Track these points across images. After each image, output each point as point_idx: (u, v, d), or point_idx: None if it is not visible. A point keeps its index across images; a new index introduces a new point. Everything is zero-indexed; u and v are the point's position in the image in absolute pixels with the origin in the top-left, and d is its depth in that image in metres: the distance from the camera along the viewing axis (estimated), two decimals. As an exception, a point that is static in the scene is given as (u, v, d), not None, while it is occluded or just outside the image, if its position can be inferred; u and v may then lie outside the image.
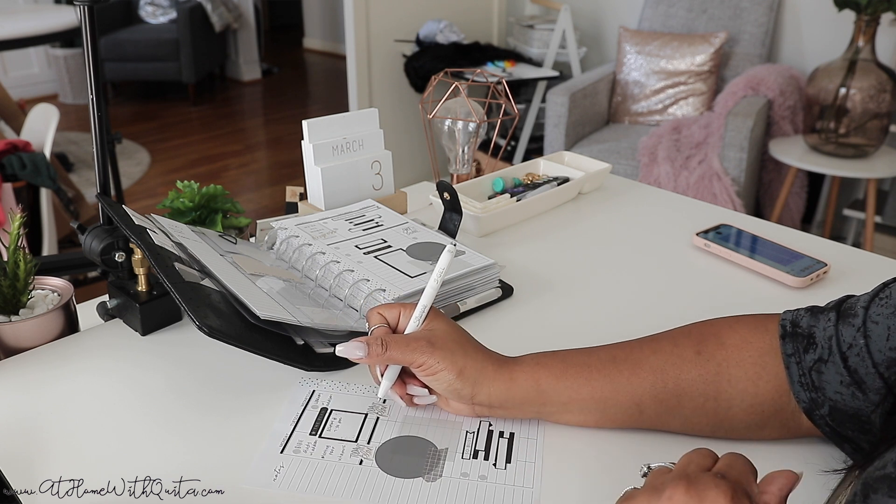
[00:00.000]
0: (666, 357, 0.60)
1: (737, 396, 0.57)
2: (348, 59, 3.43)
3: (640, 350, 0.61)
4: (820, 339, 0.54)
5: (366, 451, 0.63)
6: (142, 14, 5.22)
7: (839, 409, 0.53)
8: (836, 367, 0.53)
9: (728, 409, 0.58)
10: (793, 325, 0.56)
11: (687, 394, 0.58)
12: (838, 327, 0.53)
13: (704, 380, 0.58)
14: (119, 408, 0.69)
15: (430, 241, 0.89)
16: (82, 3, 0.80)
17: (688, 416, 0.59)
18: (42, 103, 2.70)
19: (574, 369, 0.61)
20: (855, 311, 0.53)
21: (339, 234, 0.90)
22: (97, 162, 0.84)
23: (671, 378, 0.59)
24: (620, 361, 0.61)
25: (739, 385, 0.57)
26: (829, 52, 2.89)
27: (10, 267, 0.76)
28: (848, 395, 0.52)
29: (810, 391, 0.54)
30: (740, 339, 0.59)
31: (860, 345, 0.51)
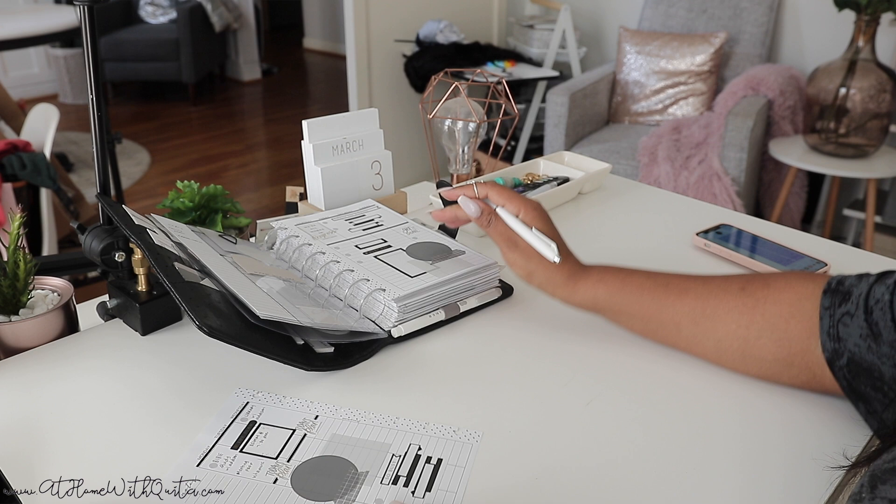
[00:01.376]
0: (712, 288, 0.66)
1: (767, 328, 0.62)
2: (348, 59, 3.43)
3: (693, 281, 0.68)
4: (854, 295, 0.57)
5: (283, 470, 0.61)
6: (142, 14, 5.22)
7: (856, 362, 0.55)
8: (859, 321, 0.55)
9: (758, 339, 0.63)
10: (838, 283, 0.59)
11: (723, 320, 0.64)
12: (872, 286, 0.56)
13: (741, 310, 0.63)
14: (119, 408, 0.69)
15: (430, 241, 0.89)
16: (82, 3, 0.80)
17: (720, 339, 0.65)
18: (42, 103, 2.70)
19: (629, 288, 0.70)
20: (891, 273, 0.56)
21: (339, 233, 0.90)
22: (97, 162, 0.84)
23: (711, 305, 0.65)
24: (672, 287, 0.68)
25: (772, 319, 0.62)
26: (829, 52, 2.89)
27: (9, 267, 0.76)
28: (864, 347, 0.55)
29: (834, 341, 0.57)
30: (785, 283, 0.63)
31: (885, 300, 0.54)
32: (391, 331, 0.78)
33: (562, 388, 0.73)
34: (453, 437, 0.65)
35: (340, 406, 0.69)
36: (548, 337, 0.81)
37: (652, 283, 0.70)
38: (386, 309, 0.79)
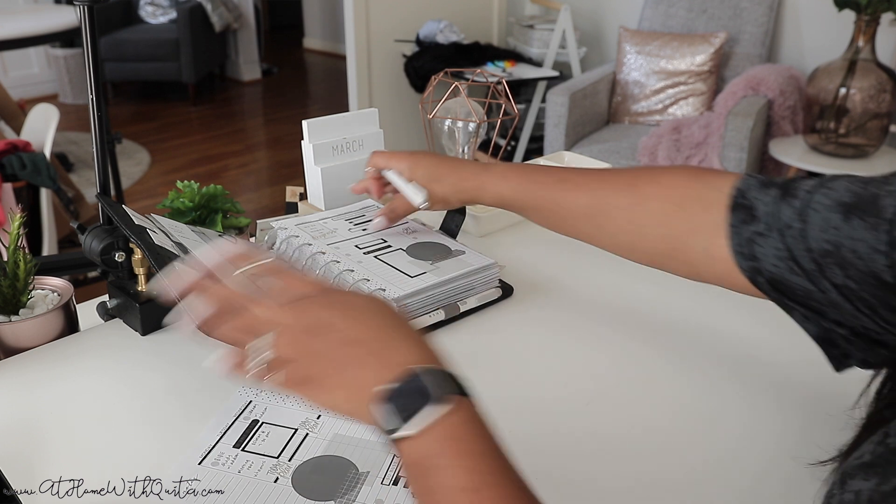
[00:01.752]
0: (604, 184, 0.69)
1: (652, 224, 0.64)
2: (348, 59, 3.43)
3: (588, 176, 0.70)
4: (761, 212, 0.56)
5: (284, 469, 0.61)
6: (142, 14, 5.21)
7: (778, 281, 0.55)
8: (773, 242, 0.54)
9: (643, 234, 0.65)
10: (741, 195, 0.58)
11: (612, 216, 0.67)
12: (779, 204, 0.55)
13: (627, 206, 0.66)
14: (119, 408, 0.69)
15: (430, 241, 0.89)
16: (82, 3, 0.80)
17: (613, 234, 0.68)
18: (42, 103, 2.70)
19: (528, 184, 0.73)
20: (797, 193, 0.54)
21: (339, 233, 0.90)
22: (97, 162, 0.84)
23: (602, 201, 0.68)
24: (568, 182, 0.71)
25: (656, 216, 0.64)
26: (829, 52, 2.88)
27: (10, 267, 0.76)
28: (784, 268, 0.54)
29: (750, 260, 0.56)
30: (671, 180, 0.64)
31: (797, 228, 0.53)
32: (391, 331, 0.78)
33: (562, 388, 0.73)
34: (453, 437, 0.65)
35: (341, 406, 0.69)
36: (548, 337, 0.81)
37: (550, 178, 0.72)
38: (386, 309, 0.79)
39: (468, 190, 0.79)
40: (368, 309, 0.48)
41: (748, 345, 0.79)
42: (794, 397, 0.70)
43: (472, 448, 0.42)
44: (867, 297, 0.50)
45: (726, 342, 0.80)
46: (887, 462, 0.39)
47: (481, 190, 0.78)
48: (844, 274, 0.50)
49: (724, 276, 0.60)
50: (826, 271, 0.51)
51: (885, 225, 0.49)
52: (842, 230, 0.50)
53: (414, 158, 0.83)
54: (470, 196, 0.80)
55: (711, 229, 0.60)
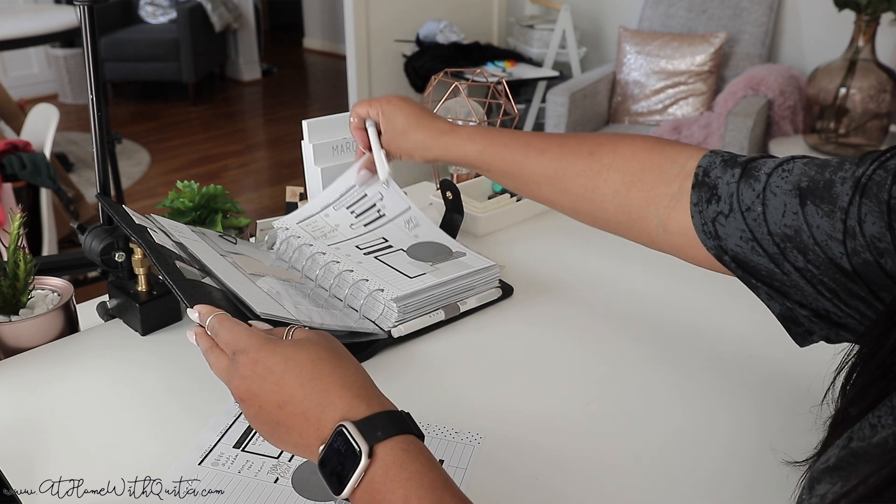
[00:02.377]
0: (566, 151, 0.69)
1: (610, 194, 0.65)
2: (348, 59, 3.43)
3: (552, 141, 0.71)
4: (723, 192, 0.56)
5: (284, 469, 0.61)
6: (142, 14, 5.21)
7: (742, 260, 0.55)
8: (736, 223, 0.55)
9: (602, 202, 0.66)
10: (704, 173, 0.58)
11: (572, 182, 0.67)
12: (739, 185, 0.55)
13: (587, 174, 0.66)
14: (119, 408, 0.69)
15: (431, 242, 0.89)
16: (82, 3, 0.80)
17: (573, 200, 0.68)
18: (42, 103, 2.70)
19: (494, 146, 0.74)
20: (758, 175, 0.54)
21: (340, 231, 0.90)
22: (97, 162, 0.84)
23: (563, 167, 0.68)
24: (532, 146, 0.71)
25: (614, 186, 0.64)
26: (829, 52, 2.88)
27: (10, 267, 0.76)
28: (748, 248, 0.54)
29: (714, 239, 0.56)
30: (631, 150, 0.65)
31: (758, 211, 0.53)
32: (391, 331, 0.78)
33: (562, 388, 0.73)
34: (454, 438, 0.65)
35: (341, 406, 0.69)
36: (548, 337, 0.81)
37: (515, 141, 0.73)
38: (386, 309, 0.79)
39: (433, 148, 0.79)
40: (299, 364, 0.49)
41: (750, 343, 0.79)
42: (790, 393, 0.70)
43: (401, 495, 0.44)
44: (828, 282, 0.50)
45: (728, 341, 0.80)
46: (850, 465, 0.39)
47: (447, 149, 0.78)
48: (805, 258, 0.51)
49: (681, 248, 0.61)
50: (788, 255, 0.52)
51: (840, 214, 0.49)
52: (800, 215, 0.51)
53: (387, 108, 0.83)
54: (434, 155, 0.80)
55: (667, 202, 0.60)
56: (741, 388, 0.72)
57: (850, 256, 0.49)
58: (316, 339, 0.52)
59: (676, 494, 0.60)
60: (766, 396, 0.71)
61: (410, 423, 0.47)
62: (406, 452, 0.45)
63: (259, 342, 0.51)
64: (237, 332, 0.53)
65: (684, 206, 0.59)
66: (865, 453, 0.39)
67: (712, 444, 0.65)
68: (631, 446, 0.65)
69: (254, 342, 0.51)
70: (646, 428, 0.67)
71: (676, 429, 0.67)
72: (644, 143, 0.65)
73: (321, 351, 0.50)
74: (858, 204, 0.49)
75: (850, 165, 0.51)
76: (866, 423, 0.41)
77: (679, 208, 0.60)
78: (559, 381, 0.74)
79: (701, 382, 0.73)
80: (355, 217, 0.92)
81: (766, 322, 0.59)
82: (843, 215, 0.49)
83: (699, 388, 0.72)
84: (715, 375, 0.74)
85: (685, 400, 0.71)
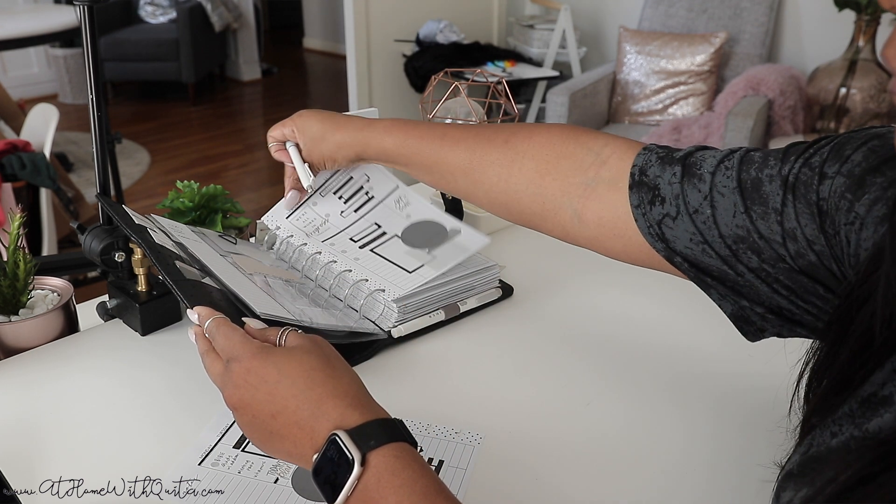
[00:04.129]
0: (481, 140, 0.67)
1: (524, 183, 0.63)
2: (348, 59, 3.43)
3: (467, 131, 0.69)
4: (666, 193, 0.54)
5: (284, 470, 0.61)
6: (141, 14, 5.21)
7: (693, 262, 0.53)
8: (685, 225, 0.53)
9: (516, 192, 0.64)
10: (641, 172, 0.56)
11: (486, 172, 0.66)
12: (683, 185, 0.53)
13: (502, 163, 0.64)
14: (119, 408, 0.69)
15: (424, 220, 0.87)
16: (82, 2, 0.80)
17: (488, 191, 0.66)
18: (42, 103, 2.70)
19: (411, 140, 0.71)
20: (701, 175, 0.52)
21: (332, 221, 0.88)
22: (97, 162, 0.84)
23: (477, 157, 0.66)
24: (447, 137, 0.69)
25: (528, 174, 0.63)
26: (829, 51, 2.88)
27: (9, 267, 0.76)
28: (699, 251, 0.52)
29: (661, 241, 0.54)
30: (546, 138, 0.63)
31: (707, 213, 0.51)
32: (391, 331, 0.78)
33: (562, 388, 0.73)
34: (455, 438, 0.65)
35: (341, 406, 0.69)
36: (548, 337, 0.81)
37: (431, 133, 0.70)
38: (386, 309, 0.79)
39: (351, 146, 0.76)
40: (280, 373, 0.50)
41: (748, 343, 0.79)
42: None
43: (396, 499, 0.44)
44: (784, 280, 0.49)
45: (727, 340, 0.80)
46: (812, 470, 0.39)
47: (365, 145, 0.75)
48: (759, 258, 0.49)
49: (597, 241, 0.60)
50: (741, 256, 0.50)
51: (776, 216, 0.48)
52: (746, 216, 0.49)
53: (300, 121, 0.80)
54: (354, 152, 0.77)
55: (581, 191, 0.59)
56: (738, 388, 0.72)
57: (794, 259, 0.48)
58: (309, 346, 0.52)
59: (676, 494, 0.60)
60: (765, 396, 0.71)
61: (403, 431, 0.47)
62: (398, 459, 0.45)
63: (252, 351, 0.51)
64: (232, 339, 0.53)
65: (601, 197, 0.58)
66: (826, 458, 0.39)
67: (711, 445, 0.65)
68: (630, 446, 0.65)
69: (247, 351, 0.51)
70: (645, 428, 0.67)
71: (678, 429, 0.67)
72: (560, 130, 0.63)
73: (314, 360, 0.50)
74: (793, 205, 0.47)
75: (776, 161, 0.49)
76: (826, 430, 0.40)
77: (594, 198, 0.58)
78: (559, 382, 0.73)
79: (700, 383, 0.73)
80: (344, 203, 0.90)
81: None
82: (779, 217, 0.48)
83: (698, 388, 0.72)
84: (718, 376, 0.74)
85: (684, 400, 0.71)
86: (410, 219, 0.87)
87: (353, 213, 0.89)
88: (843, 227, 0.45)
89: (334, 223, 0.88)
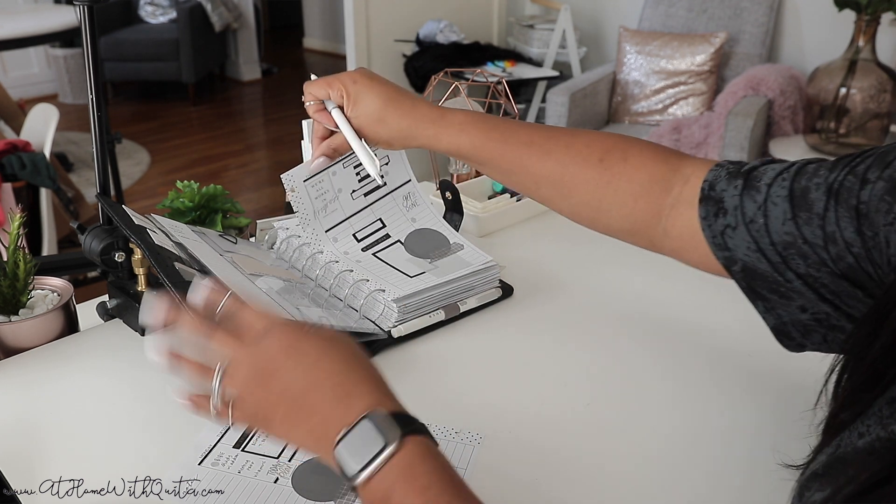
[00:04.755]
0: (574, 155, 0.66)
1: (616, 204, 0.64)
2: (348, 59, 3.43)
3: (556, 142, 0.67)
4: (728, 206, 0.57)
5: (284, 469, 0.61)
6: (142, 14, 5.21)
7: (750, 269, 0.56)
8: (742, 234, 0.55)
9: (608, 211, 0.65)
10: (710, 187, 0.58)
11: (578, 189, 0.66)
12: (742, 197, 0.56)
13: (595, 182, 0.65)
14: (119, 408, 0.69)
15: (429, 230, 0.88)
16: (82, 3, 0.80)
17: (574, 205, 0.67)
18: (42, 103, 2.70)
19: (492, 143, 0.68)
20: (758, 186, 0.55)
21: (341, 200, 0.87)
22: (97, 162, 0.84)
23: (570, 173, 0.66)
24: (535, 147, 0.68)
25: (621, 196, 0.64)
26: (829, 51, 2.88)
27: (9, 267, 0.76)
28: (755, 258, 0.55)
29: (723, 251, 0.57)
30: (641, 161, 0.64)
31: (760, 222, 0.54)
32: (391, 331, 0.78)
33: (562, 388, 0.73)
34: (454, 438, 0.65)
35: (341, 406, 0.69)
36: (548, 337, 0.81)
37: (515, 138, 0.68)
38: (386, 309, 0.79)
39: (418, 138, 0.70)
40: (323, 352, 0.49)
41: (748, 344, 0.79)
42: (790, 393, 0.70)
43: (425, 483, 0.44)
44: (828, 284, 0.51)
45: (726, 342, 0.80)
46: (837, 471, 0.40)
47: (435, 140, 0.70)
48: (806, 263, 0.52)
49: (679, 251, 0.62)
50: (790, 262, 0.53)
51: (818, 220, 0.50)
52: (793, 222, 0.52)
53: (354, 89, 0.70)
54: (419, 144, 0.71)
55: (668, 210, 0.61)
56: (739, 389, 0.72)
57: (835, 262, 0.50)
58: (346, 338, 0.51)
59: (675, 494, 0.60)
60: (765, 397, 0.71)
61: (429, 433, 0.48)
62: (431, 448, 0.46)
63: (297, 325, 0.51)
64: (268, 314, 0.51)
65: (681, 213, 0.60)
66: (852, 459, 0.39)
67: (711, 445, 0.65)
68: (630, 446, 0.65)
69: (290, 325, 0.50)
70: (645, 428, 0.67)
71: (675, 429, 0.67)
72: (653, 153, 0.65)
73: (354, 348, 0.50)
74: (834, 210, 0.50)
75: (825, 171, 0.52)
76: (855, 431, 0.41)
77: (676, 215, 0.61)
78: (559, 382, 0.73)
79: (700, 383, 0.73)
80: (359, 182, 0.88)
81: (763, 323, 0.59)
82: (821, 221, 0.50)
83: (698, 389, 0.72)
84: (714, 376, 0.74)
85: (684, 400, 0.71)
86: (415, 223, 0.87)
87: (363, 199, 0.88)
88: (882, 229, 0.47)
89: (343, 204, 0.87)
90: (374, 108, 0.70)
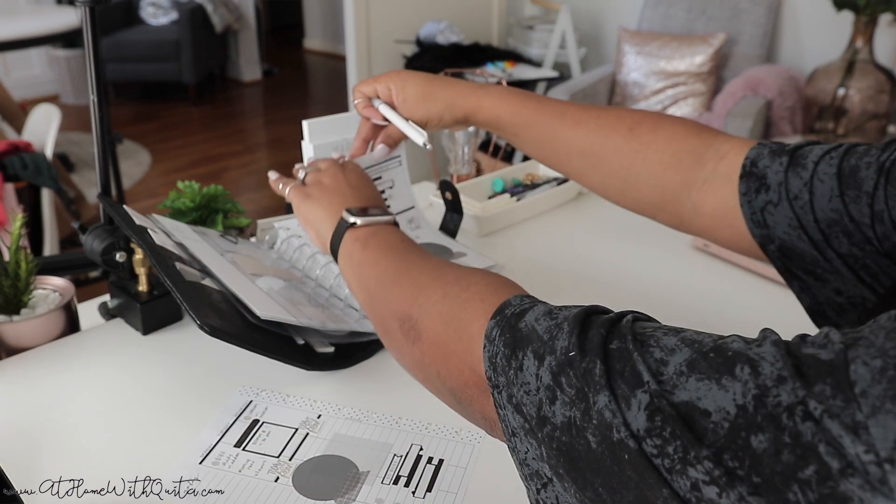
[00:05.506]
0: (603, 125, 0.67)
1: (645, 174, 0.65)
2: (348, 59, 3.43)
3: (587, 113, 0.69)
4: (772, 182, 0.57)
5: (284, 469, 0.61)
6: (143, 15, 5.22)
7: (788, 248, 0.56)
8: (784, 211, 0.55)
9: (636, 181, 0.65)
10: (752, 164, 0.59)
11: (608, 158, 0.67)
12: (787, 174, 0.56)
13: (625, 152, 0.66)
14: (120, 407, 0.69)
15: (431, 243, 0.89)
16: (84, 4, 0.80)
17: (605, 176, 0.67)
18: (43, 104, 2.70)
19: (527, 111, 0.71)
20: (805, 164, 0.55)
21: None
22: (98, 162, 0.84)
23: (599, 142, 0.67)
24: (567, 116, 0.69)
25: (651, 167, 0.64)
26: (827, 52, 2.89)
27: (11, 267, 0.77)
28: (795, 236, 0.55)
29: (762, 228, 0.57)
30: (672, 132, 0.64)
31: (805, 199, 0.54)
32: (391, 331, 0.78)
33: (560, 388, 0.73)
34: (455, 437, 0.65)
35: (343, 405, 0.69)
36: (547, 337, 0.81)
37: (550, 108, 0.71)
38: (385, 309, 0.79)
39: (463, 108, 0.74)
40: (353, 174, 0.71)
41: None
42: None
43: (399, 238, 0.60)
44: (870, 264, 0.51)
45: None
46: None
47: (477, 109, 0.74)
48: (849, 241, 0.52)
49: (709, 230, 0.62)
50: (832, 241, 0.53)
51: (867, 198, 0.51)
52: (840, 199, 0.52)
53: (397, 80, 0.77)
54: (464, 114, 0.75)
55: (700, 185, 0.61)
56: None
57: (880, 241, 0.50)
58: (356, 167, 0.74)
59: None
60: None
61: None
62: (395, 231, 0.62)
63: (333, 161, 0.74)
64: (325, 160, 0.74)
65: (716, 188, 0.60)
66: None
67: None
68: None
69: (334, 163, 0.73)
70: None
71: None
72: (684, 125, 0.65)
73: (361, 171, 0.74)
74: (884, 188, 0.50)
75: (876, 151, 0.52)
76: None
77: (710, 191, 0.60)
78: (558, 381, 0.74)
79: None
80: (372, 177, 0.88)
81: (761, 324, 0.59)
82: (870, 200, 0.50)
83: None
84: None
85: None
86: (419, 240, 0.88)
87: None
88: None
89: None
90: (419, 87, 0.77)
